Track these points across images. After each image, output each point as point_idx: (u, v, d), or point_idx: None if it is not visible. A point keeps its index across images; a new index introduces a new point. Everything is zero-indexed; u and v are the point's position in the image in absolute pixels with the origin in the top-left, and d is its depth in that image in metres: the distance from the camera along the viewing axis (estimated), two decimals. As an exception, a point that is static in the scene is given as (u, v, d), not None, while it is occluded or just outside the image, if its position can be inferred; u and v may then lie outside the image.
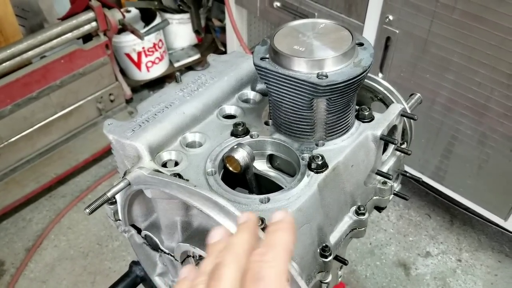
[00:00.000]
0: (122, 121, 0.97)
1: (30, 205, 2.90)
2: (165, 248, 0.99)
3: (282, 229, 0.54)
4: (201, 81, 1.08)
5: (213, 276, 0.51)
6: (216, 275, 0.51)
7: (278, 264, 0.51)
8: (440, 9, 1.95)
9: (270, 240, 0.53)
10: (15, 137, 2.69)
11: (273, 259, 0.51)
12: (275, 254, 0.51)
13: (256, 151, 0.99)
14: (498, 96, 1.98)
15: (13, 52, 2.50)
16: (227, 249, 0.53)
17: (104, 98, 3.04)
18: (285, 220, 0.56)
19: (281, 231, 0.54)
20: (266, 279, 0.49)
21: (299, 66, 0.87)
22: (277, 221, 0.55)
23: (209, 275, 0.52)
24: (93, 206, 0.84)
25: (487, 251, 2.66)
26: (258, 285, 0.48)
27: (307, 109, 0.92)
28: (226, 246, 0.54)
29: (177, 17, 3.60)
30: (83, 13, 2.73)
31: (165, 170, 0.91)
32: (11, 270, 2.59)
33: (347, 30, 0.93)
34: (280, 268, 0.51)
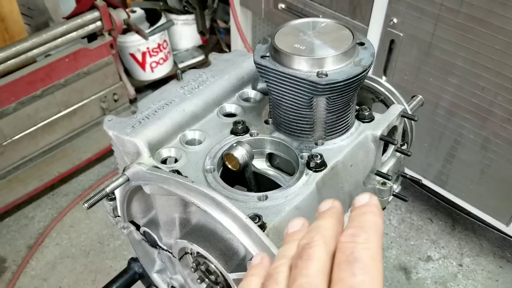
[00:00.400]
0: (122, 118, 0.97)
1: (33, 203, 2.91)
2: (163, 245, 0.99)
3: (371, 212, 0.51)
4: (202, 79, 1.09)
5: (301, 256, 0.48)
6: (304, 255, 0.48)
7: (373, 246, 0.47)
8: (445, 13, 1.95)
9: (360, 222, 0.49)
10: (19, 135, 2.69)
11: (367, 241, 0.47)
12: (368, 236, 0.48)
13: (255, 149, 0.99)
14: (502, 100, 1.97)
15: (18, 50, 2.51)
16: (313, 231, 0.51)
17: (108, 97, 3.04)
18: (371, 202, 0.52)
19: (370, 213, 0.50)
20: (362, 260, 0.45)
21: (299, 64, 0.87)
22: (363, 204, 0.52)
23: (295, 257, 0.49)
24: (91, 201, 0.84)
25: (488, 256, 2.65)
26: (353, 266, 0.45)
27: (306, 107, 0.92)
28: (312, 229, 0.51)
29: (182, 18, 3.61)
30: (88, 12, 2.74)
31: (164, 167, 0.91)
32: (13, 268, 2.60)
33: (348, 30, 0.93)
34: (375, 250, 0.47)
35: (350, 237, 0.48)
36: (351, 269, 0.45)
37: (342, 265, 0.45)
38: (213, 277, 0.90)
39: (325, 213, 0.54)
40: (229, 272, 0.84)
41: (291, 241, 0.54)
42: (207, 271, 0.91)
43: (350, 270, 0.45)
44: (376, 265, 0.46)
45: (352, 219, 0.50)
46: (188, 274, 1.01)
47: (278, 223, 0.80)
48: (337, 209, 0.54)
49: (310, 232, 0.51)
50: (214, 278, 0.90)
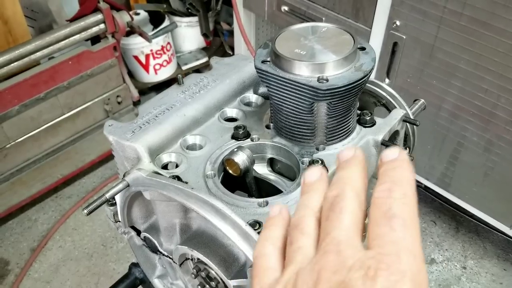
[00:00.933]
0: (122, 123, 0.97)
1: (36, 205, 2.91)
2: (164, 250, 0.99)
3: (402, 167, 0.47)
4: (203, 84, 1.08)
5: (333, 208, 0.46)
6: (336, 207, 0.46)
7: (410, 202, 0.44)
8: (448, 15, 1.94)
9: (393, 177, 0.46)
10: (22, 137, 2.70)
11: (404, 196, 0.44)
12: (405, 191, 0.45)
13: (256, 154, 0.99)
14: (505, 103, 1.97)
15: (21, 53, 2.52)
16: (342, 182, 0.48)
17: (111, 100, 3.04)
18: (402, 157, 0.48)
19: (402, 168, 0.47)
20: (401, 216, 0.43)
21: (300, 69, 0.87)
22: (393, 159, 0.48)
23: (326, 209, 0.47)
24: (91, 207, 0.84)
25: (492, 259, 2.64)
26: (392, 222, 0.42)
27: (307, 113, 0.91)
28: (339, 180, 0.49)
29: (185, 20, 3.61)
30: (92, 15, 2.74)
31: (165, 172, 0.91)
32: (16, 270, 2.61)
33: (349, 34, 0.93)
34: (413, 206, 0.44)
35: (387, 192, 0.45)
36: (390, 225, 0.42)
37: (380, 221, 0.43)
38: (214, 283, 0.90)
39: (350, 163, 0.51)
40: (230, 279, 0.83)
41: (311, 191, 0.52)
42: (207, 277, 0.91)
43: (389, 226, 0.42)
44: (415, 222, 0.44)
45: (384, 174, 0.47)
46: (188, 280, 1.01)
47: (279, 229, 0.80)
48: (361, 158, 0.51)
49: (338, 183, 0.48)
50: (215, 284, 0.90)
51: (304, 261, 0.45)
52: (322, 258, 0.43)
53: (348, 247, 0.43)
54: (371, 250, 0.42)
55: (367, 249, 0.42)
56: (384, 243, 0.42)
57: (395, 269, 0.39)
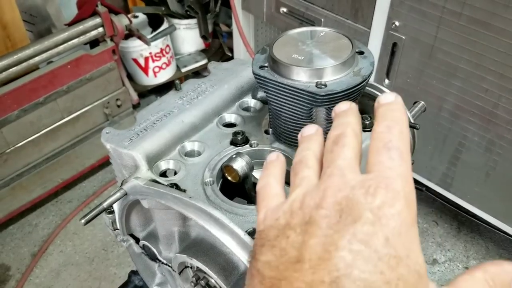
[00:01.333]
0: (120, 130, 0.96)
1: (37, 210, 2.91)
2: (163, 258, 0.98)
3: (398, 109, 0.53)
4: (201, 89, 1.07)
5: (337, 142, 0.52)
6: (340, 142, 0.52)
7: (406, 138, 0.50)
8: (447, 15, 1.93)
9: (392, 117, 0.52)
10: (22, 142, 2.69)
11: (401, 133, 0.50)
12: (401, 129, 0.51)
13: (255, 160, 0.98)
14: (506, 102, 1.96)
15: (20, 58, 2.51)
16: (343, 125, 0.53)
17: (111, 103, 3.04)
18: (398, 100, 0.54)
19: (398, 110, 0.53)
20: (399, 148, 0.49)
21: (298, 75, 0.86)
22: (389, 102, 0.53)
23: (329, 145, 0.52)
24: (88, 216, 0.83)
25: (494, 259, 2.61)
26: (391, 152, 0.48)
27: (306, 118, 0.90)
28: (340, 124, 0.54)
29: (184, 23, 3.61)
30: (90, 18, 2.73)
31: (163, 180, 0.90)
32: (17, 276, 2.60)
33: (347, 38, 0.92)
34: (407, 142, 0.50)
35: (386, 128, 0.50)
36: (389, 154, 0.48)
37: (381, 151, 0.49)
38: (213, 291, 0.89)
39: (347, 112, 0.56)
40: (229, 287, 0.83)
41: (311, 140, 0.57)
42: (207, 286, 0.90)
43: (388, 155, 0.48)
44: (409, 155, 0.49)
45: (382, 113, 0.52)
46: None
47: (278, 237, 0.79)
48: (356, 109, 0.56)
49: (339, 126, 0.54)
50: (215, 292, 0.89)
51: (309, 187, 0.51)
52: (328, 180, 0.49)
53: (350, 171, 0.49)
54: (371, 173, 0.48)
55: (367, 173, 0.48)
56: (383, 168, 0.48)
57: (391, 189, 0.46)
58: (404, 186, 0.46)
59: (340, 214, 0.45)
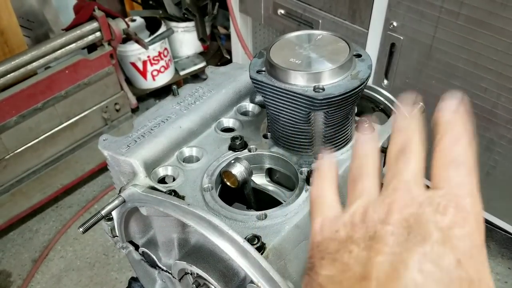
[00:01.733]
0: (117, 137, 0.95)
1: (37, 216, 2.90)
2: (163, 265, 0.97)
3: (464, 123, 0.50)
4: (199, 94, 1.07)
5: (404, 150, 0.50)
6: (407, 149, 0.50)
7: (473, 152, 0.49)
8: (445, 15, 1.93)
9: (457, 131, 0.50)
10: (21, 148, 2.68)
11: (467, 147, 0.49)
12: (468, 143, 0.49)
13: (254, 165, 0.97)
14: (505, 102, 1.95)
15: (18, 64, 2.51)
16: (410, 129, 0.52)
17: (109, 107, 3.03)
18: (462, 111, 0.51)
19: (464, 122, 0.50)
20: (468, 164, 0.47)
21: (296, 79, 0.86)
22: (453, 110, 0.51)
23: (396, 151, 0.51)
24: (87, 225, 0.82)
25: (496, 258, 2.62)
26: (458, 168, 0.47)
27: (304, 122, 0.90)
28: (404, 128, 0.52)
29: (182, 26, 3.60)
30: (87, 23, 2.73)
31: (161, 187, 0.90)
32: (18, 282, 2.59)
33: (344, 41, 0.91)
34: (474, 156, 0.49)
35: (453, 141, 0.49)
36: (457, 170, 0.47)
37: (448, 165, 0.48)
38: (214, 298, 0.89)
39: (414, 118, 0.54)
40: (230, 294, 0.82)
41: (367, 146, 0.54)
42: (207, 292, 0.90)
43: (456, 171, 0.47)
44: (476, 170, 0.48)
45: (447, 126, 0.50)
46: (189, 294, 0.99)
47: (278, 243, 0.79)
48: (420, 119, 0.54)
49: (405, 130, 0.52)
50: (215, 298, 0.89)
51: (371, 198, 0.48)
52: (393, 194, 0.47)
53: (416, 186, 0.47)
54: (439, 190, 0.46)
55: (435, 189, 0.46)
56: (452, 185, 0.46)
57: (462, 208, 0.44)
58: (475, 206, 0.45)
59: (408, 232, 0.43)
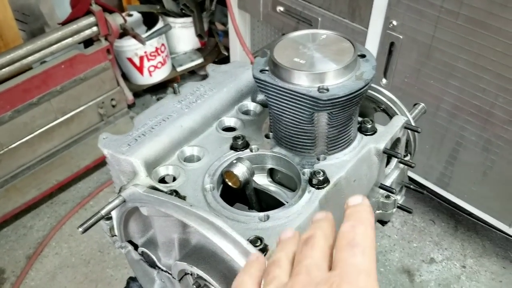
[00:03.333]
0: (117, 135, 0.94)
1: (31, 212, 2.88)
2: (162, 265, 0.96)
3: (365, 210, 0.57)
4: (200, 93, 1.06)
5: (306, 243, 0.56)
6: (309, 243, 0.55)
7: (370, 236, 0.54)
8: (444, 15, 1.92)
9: (357, 218, 0.56)
10: (16, 143, 2.65)
11: (365, 231, 0.54)
12: (366, 228, 0.55)
13: (256, 165, 0.96)
14: (503, 102, 1.95)
15: (13, 58, 2.48)
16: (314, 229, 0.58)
17: (105, 103, 3.01)
18: (364, 202, 0.58)
19: (364, 211, 0.57)
20: (362, 245, 0.52)
21: (300, 79, 0.85)
22: (357, 204, 0.58)
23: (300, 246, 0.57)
24: (86, 224, 0.81)
25: (491, 257, 2.63)
26: (354, 249, 0.52)
27: (308, 122, 0.89)
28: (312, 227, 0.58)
29: (179, 21, 3.58)
30: (84, 17, 2.70)
31: (162, 186, 0.89)
32: (12, 279, 2.57)
33: (348, 41, 0.90)
34: (372, 239, 0.54)
35: (350, 227, 0.54)
36: (352, 251, 0.52)
37: (344, 248, 0.53)
38: (215, 299, 0.88)
39: (320, 220, 0.60)
40: (231, 296, 0.81)
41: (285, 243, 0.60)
42: (208, 293, 0.89)
43: (351, 252, 0.52)
44: (373, 251, 0.53)
45: (349, 214, 0.57)
46: (188, 295, 0.98)
47: (281, 245, 0.78)
48: (331, 217, 0.60)
49: (311, 229, 0.58)
50: (216, 300, 0.88)
51: (279, 285, 0.54)
52: (295, 278, 0.53)
53: (317, 270, 0.53)
54: (335, 270, 0.51)
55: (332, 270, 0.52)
56: (346, 265, 0.51)
57: (354, 285, 0.49)
58: (366, 281, 0.50)
59: None
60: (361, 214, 0.57)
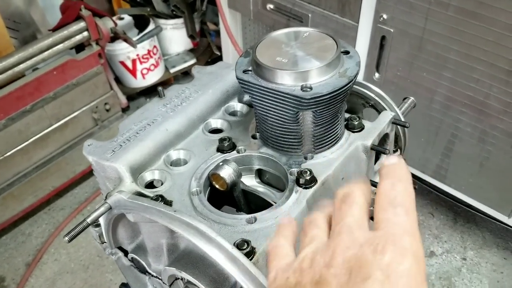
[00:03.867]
0: (102, 142, 0.93)
1: (29, 219, 2.87)
2: (152, 271, 0.96)
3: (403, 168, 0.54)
4: (185, 95, 1.05)
5: (345, 201, 0.54)
6: (348, 200, 0.53)
7: (411, 194, 0.52)
8: (435, 6, 1.91)
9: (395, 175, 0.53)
10: (11, 151, 2.65)
11: (405, 189, 0.52)
12: (405, 186, 0.52)
13: (243, 166, 0.96)
14: (497, 92, 1.94)
15: (5, 66, 2.47)
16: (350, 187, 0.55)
17: (99, 107, 3.00)
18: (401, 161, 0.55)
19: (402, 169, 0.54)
20: (404, 204, 0.50)
21: (283, 78, 0.84)
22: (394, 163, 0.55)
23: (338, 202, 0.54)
24: (73, 233, 0.81)
25: (492, 249, 2.62)
26: (397, 209, 0.50)
27: (293, 122, 0.88)
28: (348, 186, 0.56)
29: (171, 23, 3.57)
30: (74, 23, 2.69)
31: (148, 192, 0.88)
32: (12, 286, 2.57)
33: (331, 38, 0.89)
34: (412, 198, 0.52)
35: (391, 185, 0.52)
36: (395, 211, 0.50)
37: (387, 208, 0.50)
38: (205, 303, 0.87)
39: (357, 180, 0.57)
40: (220, 300, 0.80)
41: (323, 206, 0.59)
42: (198, 298, 0.88)
43: (394, 212, 0.50)
44: (414, 210, 0.51)
45: (386, 173, 0.54)
46: (180, 300, 0.97)
47: (268, 247, 0.77)
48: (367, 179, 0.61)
49: (347, 188, 0.56)
50: (206, 304, 0.87)
51: (319, 245, 0.52)
52: (336, 238, 0.50)
53: (358, 229, 0.51)
54: (379, 231, 0.49)
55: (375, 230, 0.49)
56: (390, 226, 0.49)
57: (400, 246, 0.46)
58: (412, 242, 0.48)
59: (350, 272, 0.46)
60: (400, 171, 0.54)
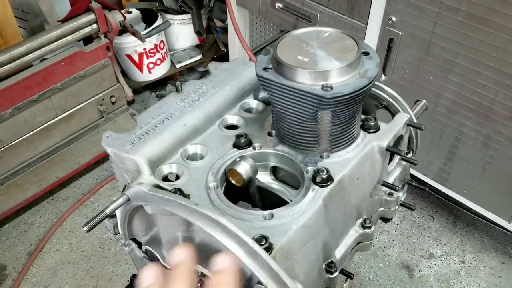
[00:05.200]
0: (121, 134, 0.95)
1: (32, 208, 2.88)
2: (166, 263, 0.97)
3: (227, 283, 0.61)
4: (202, 91, 1.06)
5: None
6: None
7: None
8: (444, 11, 1.92)
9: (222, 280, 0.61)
10: (16, 140, 2.66)
11: None
12: None
13: (259, 163, 0.97)
14: (503, 98, 1.96)
15: (13, 55, 2.48)
16: None
17: (105, 100, 3.01)
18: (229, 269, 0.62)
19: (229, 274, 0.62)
20: None
21: (303, 77, 0.85)
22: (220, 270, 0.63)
23: None
24: (91, 223, 0.82)
25: (490, 253, 2.64)
26: None
27: (311, 121, 0.89)
28: None
29: (178, 18, 3.58)
30: (84, 15, 2.70)
31: (166, 185, 0.89)
32: (13, 275, 2.58)
33: (352, 39, 0.91)
34: None
35: None
36: None
37: None
38: (219, 296, 0.88)
39: None
40: (235, 293, 0.82)
41: None
42: (212, 291, 0.89)
43: None
44: None
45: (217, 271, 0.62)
46: (192, 292, 0.98)
47: (286, 243, 0.78)
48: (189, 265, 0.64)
49: None
50: (220, 297, 0.88)
51: None
52: None
53: None
54: None
55: None
56: None
57: None
58: None
59: None
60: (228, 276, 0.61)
